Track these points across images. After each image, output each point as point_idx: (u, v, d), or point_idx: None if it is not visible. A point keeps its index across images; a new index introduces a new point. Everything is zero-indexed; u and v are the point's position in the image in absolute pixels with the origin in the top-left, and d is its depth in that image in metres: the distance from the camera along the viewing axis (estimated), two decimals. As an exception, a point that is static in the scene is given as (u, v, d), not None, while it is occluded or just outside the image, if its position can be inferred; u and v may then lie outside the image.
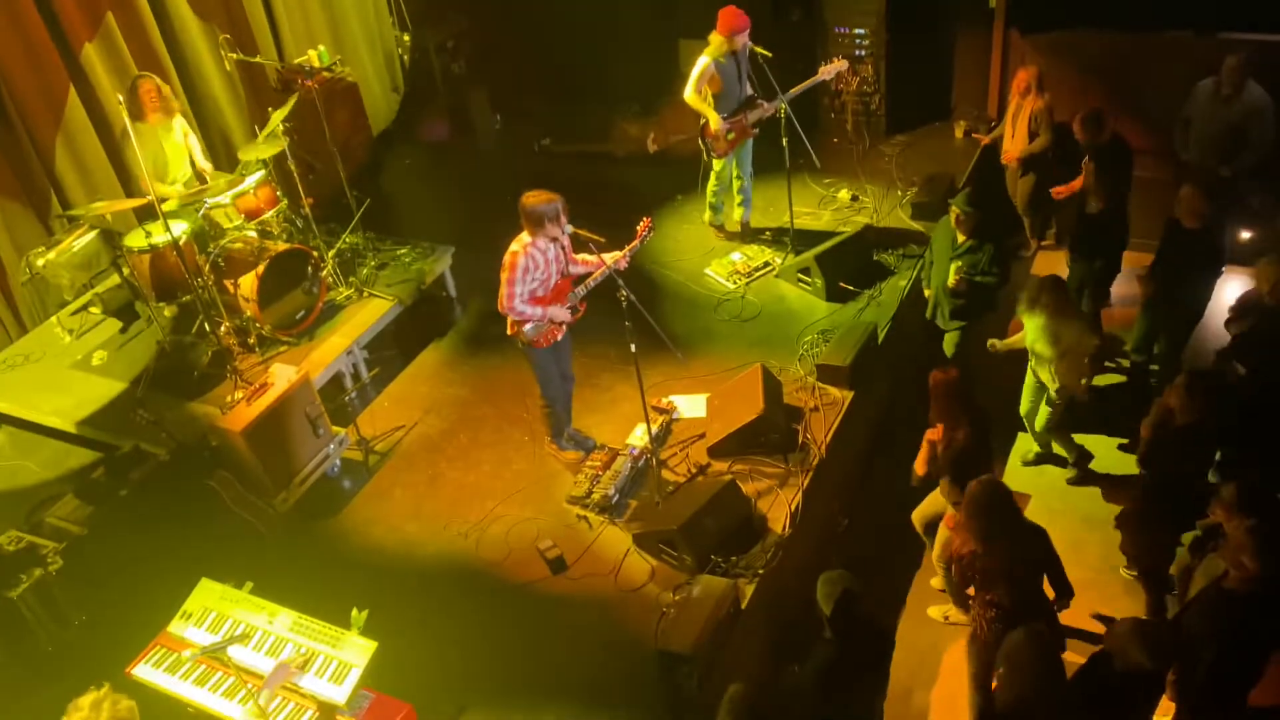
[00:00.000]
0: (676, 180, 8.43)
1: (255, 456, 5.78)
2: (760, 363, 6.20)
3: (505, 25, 9.90)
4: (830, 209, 8.14)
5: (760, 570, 5.21)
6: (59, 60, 7.31)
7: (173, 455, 5.99)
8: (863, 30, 8.61)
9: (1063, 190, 7.04)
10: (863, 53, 8.69)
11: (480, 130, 9.78)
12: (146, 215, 7.00)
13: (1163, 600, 5.28)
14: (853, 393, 6.23)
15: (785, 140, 7.10)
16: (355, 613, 4.50)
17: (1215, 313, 6.42)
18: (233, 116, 8.55)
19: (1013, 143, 7.54)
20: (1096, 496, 6.09)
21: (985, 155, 8.07)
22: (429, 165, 9.77)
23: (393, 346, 7.35)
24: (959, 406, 4.87)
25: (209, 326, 6.73)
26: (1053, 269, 7.24)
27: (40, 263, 6.79)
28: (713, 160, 7.52)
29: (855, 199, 8.20)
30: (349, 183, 7.64)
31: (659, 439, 6.02)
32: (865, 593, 4.13)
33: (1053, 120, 7.31)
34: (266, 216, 7.03)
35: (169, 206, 6.69)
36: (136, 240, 6.65)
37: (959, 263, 6.18)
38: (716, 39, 7.02)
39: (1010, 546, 4.33)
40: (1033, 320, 5.66)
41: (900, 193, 8.14)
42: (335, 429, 6.35)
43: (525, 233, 5.34)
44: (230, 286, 6.72)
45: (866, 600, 4.14)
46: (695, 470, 5.91)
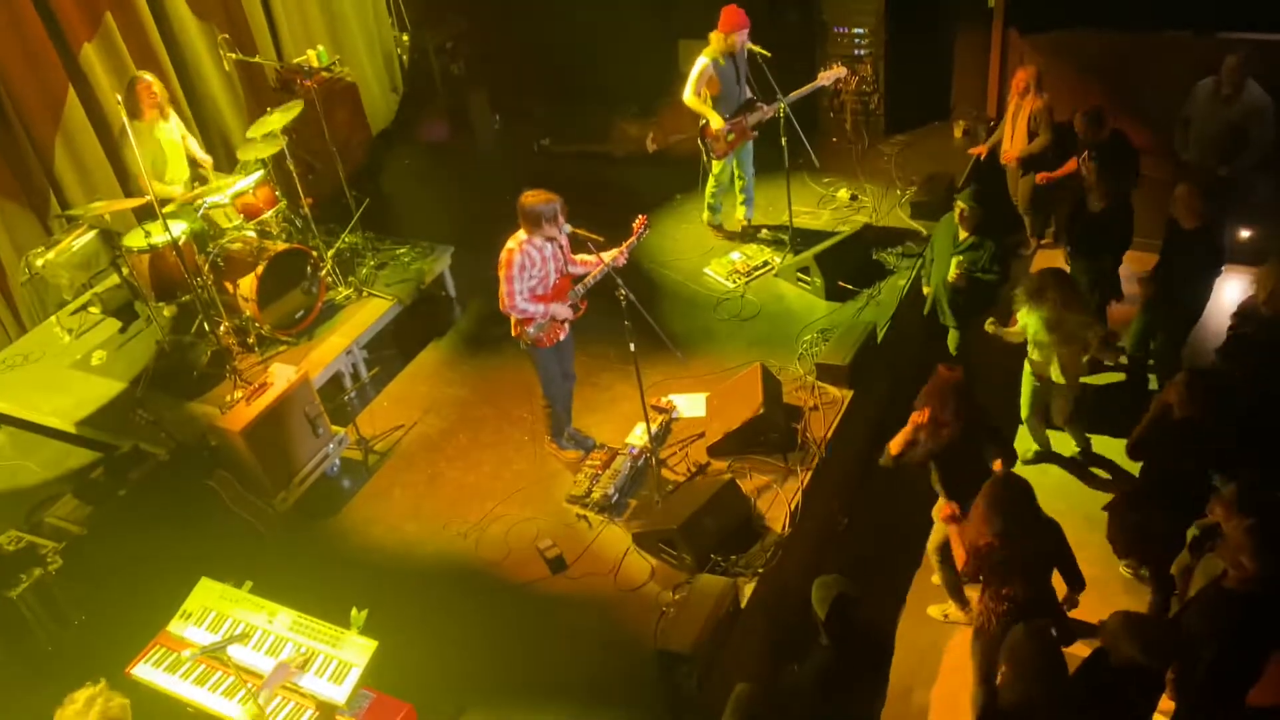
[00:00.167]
0: (676, 180, 8.43)
1: (254, 456, 5.78)
2: (760, 362, 6.20)
3: (504, 26, 9.90)
4: (829, 208, 8.14)
5: (760, 569, 5.21)
6: (58, 60, 7.31)
7: (172, 455, 5.99)
8: (862, 30, 8.61)
9: (1048, 176, 7.09)
10: (862, 52, 8.69)
11: (479, 130, 9.77)
12: (145, 215, 6.99)
13: (1167, 599, 5.27)
14: (852, 392, 6.23)
15: (784, 140, 7.10)
16: (355, 612, 4.51)
17: (1215, 312, 6.43)
18: (231, 117, 8.55)
19: (1012, 143, 7.55)
20: (1098, 496, 6.07)
21: (985, 154, 8.08)
22: (428, 165, 9.77)
23: (392, 346, 7.35)
24: (957, 404, 4.86)
25: (208, 326, 6.73)
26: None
27: (39, 263, 6.79)
28: (711, 161, 7.52)
29: (854, 198, 8.20)
30: (348, 183, 7.65)
31: (658, 438, 6.02)
32: (862, 597, 4.11)
33: (1052, 120, 7.32)
34: (266, 216, 7.03)
35: (170, 208, 6.68)
36: (136, 240, 6.65)
37: (960, 258, 6.19)
38: (716, 38, 7.02)
39: (1028, 540, 4.34)
40: (1035, 314, 5.64)
41: (899, 192, 8.14)
42: (335, 429, 6.35)
43: (521, 230, 5.34)
44: (229, 286, 6.72)
45: (863, 605, 4.11)
46: (695, 470, 5.91)
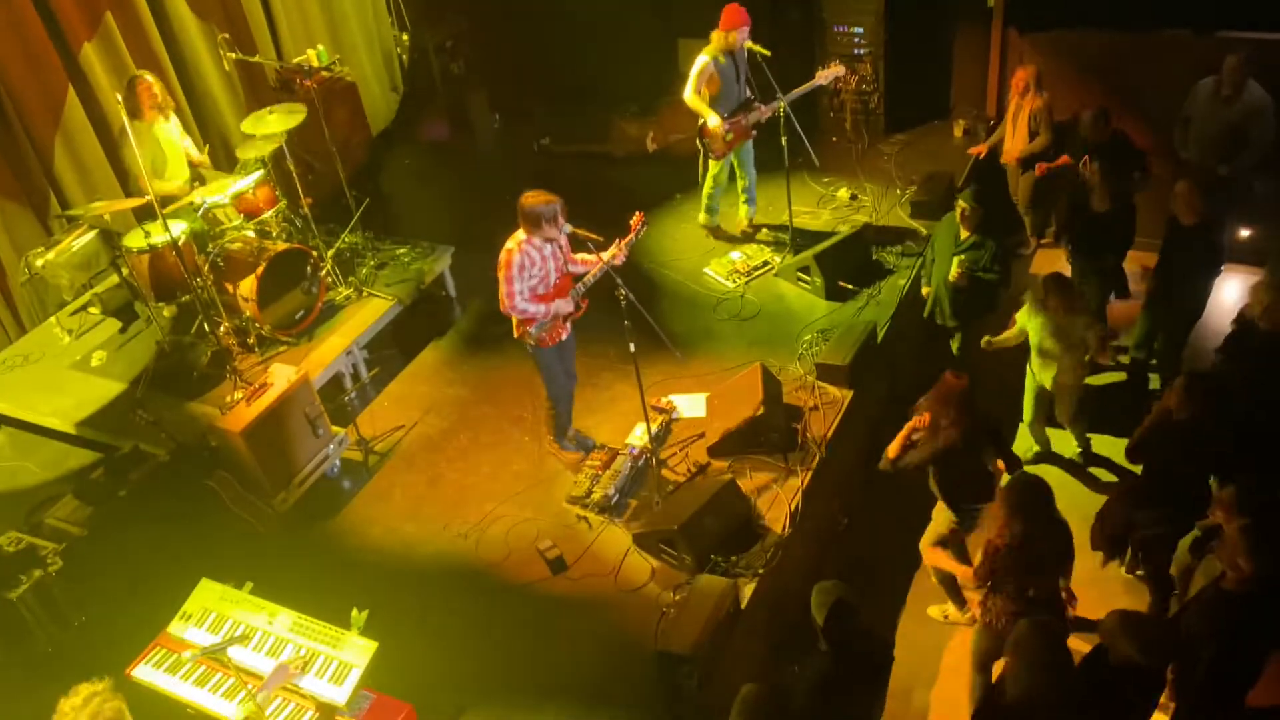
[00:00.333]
0: (675, 180, 8.42)
1: (254, 457, 5.77)
2: (760, 362, 6.20)
3: (504, 25, 9.89)
4: (829, 208, 8.13)
5: (760, 570, 5.21)
6: (58, 60, 7.31)
7: (172, 456, 5.99)
8: (861, 29, 8.60)
9: (1047, 166, 7.16)
10: (861, 51, 8.68)
11: (479, 130, 9.77)
12: (145, 215, 6.99)
13: (1166, 599, 5.27)
14: (852, 392, 6.23)
15: (784, 139, 7.09)
16: (355, 613, 4.51)
17: (1215, 311, 6.43)
18: (231, 116, 8.53)
19: (1013, 142, 7.54)
20: (1097, 497, 6.08)
21: (985, 154, 8.08)
22: (428, 165, 9.76)
23: (392, 346, 7.34)
24: (959, 411, 4.86)
25: (208, 327, 6.73)
26: (1051, 267, 7.24)
27: (39, 263, 6.79)
28: (710, 161, 7.51)
29: (854, 198, 8.19)
30: (348, 182, 7.64)
31: (659, 438, 6.01)
32: (861, 602, 4.11)
33: (1052, 119, 7.31)
34: (265, 216, 7.03)
35: (171, 208, 6.68)
36: (135, 240, 6.64)
37: (961, 258, 6.18)
38: (716, 36, 7.01)
39: (1045, 541, 4.37)
40: (1038, 319, 5.68)
41: (899, 191, 8.13)
42: (335, 429, 6.35)
43: (520, 230, 5.34)
44: (229, 287, 6.71)
45: (863, 611, 4.11)
46: (695, 470, 5.90)
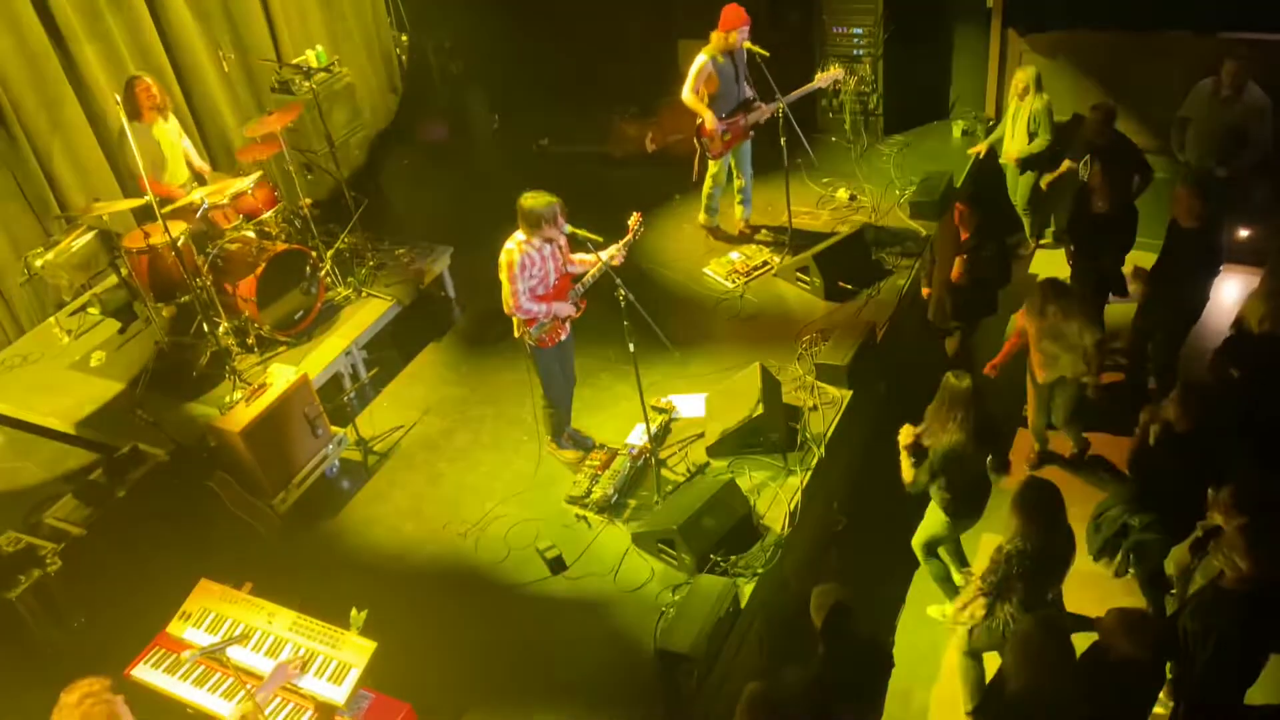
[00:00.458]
0: (675, 180, 8.42)
1: (254, 457, 5.77)
2: (759, 362, 6.20)
3: (504, 26, 9.90)
4: (829, 208, 8.14)
5: (759, 570, 5.21)
6: (57, 60, 7.30)
7: (171, 456, 5.98)
8: (861, 30, 8.61)
9: (1052, 176, 7.22)
10: (861, 52, 8.69)
11: (478, 130, 9.77)
12: (145, 215, 6.99)
13: (1160, 603, 5.28)
14: (851, 392, 6.23)
15: (783, 140, 7.10)
16: (354, 613, 4.51)
17: (1214, 312, 6.43)
18: (230, 117, 8.53)
19: (1012, 143, 7.55)
20: (1097, 496, 6.07)
21: (984, 155, 8.08)
22: (427, 165, 9.77)
23: (391, 347, 7.34)
24: (965, 413, 4.85)
25: (207, 327, 6.72)
26: (1050, 268, 7.25)
27: (39, 263, 6.79)
28: (708, 162, 7.51)
29: (853, 198, 8.20)
30: (347, 183, 7.64)
31: (658, 438, 6.02)
32: (861, 605, 4.11)
33: (1052, 120, 7.32)
34: (265, 217, 7.03)
35: (170, 208, 6.68)
36: (134, 241, 6.64)
37: (962, 257, 6.18)
38: (716, 36, 7.02)
39: (1054, 544, 4.38)
40: (1036, 324, 5.70)
41: (898, 192, 8.14)
42: (334, 429, 6.35)
43: (519, 231, 5.34)
44: (229, 287, 6.71)
45: (862, 615, 4.11)
46: (694, 470, 5.91)
